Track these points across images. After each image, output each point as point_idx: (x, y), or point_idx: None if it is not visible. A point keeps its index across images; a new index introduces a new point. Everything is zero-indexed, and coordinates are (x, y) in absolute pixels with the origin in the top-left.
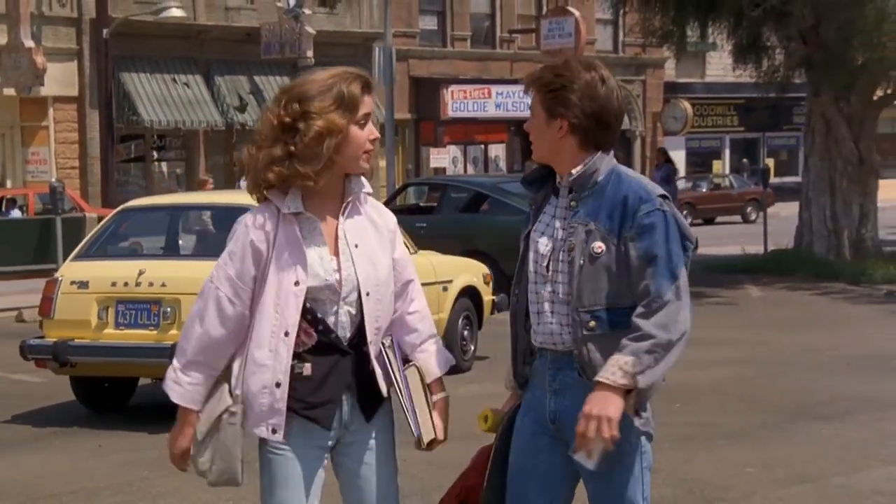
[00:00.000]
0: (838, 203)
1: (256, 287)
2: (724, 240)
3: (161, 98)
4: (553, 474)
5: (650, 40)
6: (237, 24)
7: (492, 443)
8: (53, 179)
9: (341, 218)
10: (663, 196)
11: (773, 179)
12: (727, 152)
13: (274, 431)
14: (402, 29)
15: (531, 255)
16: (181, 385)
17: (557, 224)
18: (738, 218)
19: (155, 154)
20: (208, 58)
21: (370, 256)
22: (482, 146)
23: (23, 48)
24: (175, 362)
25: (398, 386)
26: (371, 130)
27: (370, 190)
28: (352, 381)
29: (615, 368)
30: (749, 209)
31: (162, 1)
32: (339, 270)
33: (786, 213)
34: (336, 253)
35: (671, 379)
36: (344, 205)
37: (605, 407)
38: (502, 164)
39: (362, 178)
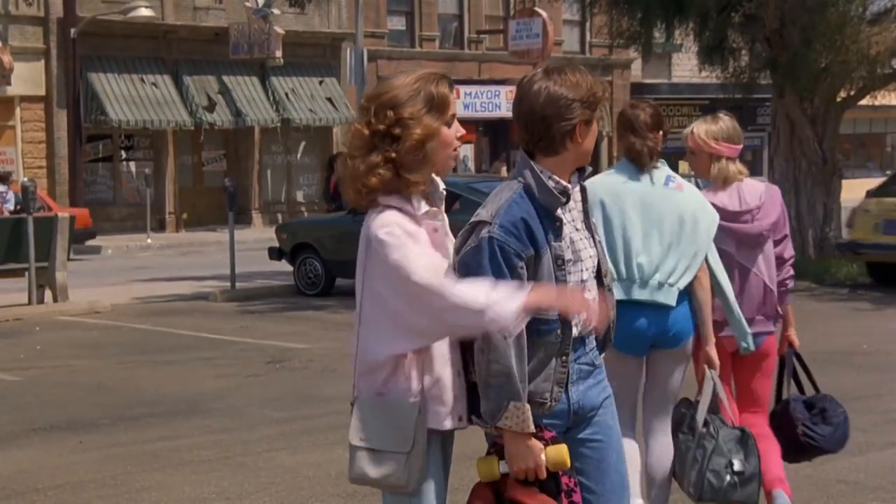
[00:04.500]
0: (803, 203)
1: None
2: None
3: (129, 98)
4: None
5: (617, 42)
6: (205, 24)
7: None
8: (25, 179)
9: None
10: None
11: None
12: None
13: (460, 419)
14: (371, 29)
15: (581, 265)
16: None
17: (578, 218)
18: None
19: (123, 154)
20: (176, 58)
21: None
22: None
23: None
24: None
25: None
26: (458, 128)
27: (444, 187)
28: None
29: None
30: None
31: (130, 0)
32: None
33: None
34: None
35: None
36: (443, 203)
37: None
38: (471, 165)
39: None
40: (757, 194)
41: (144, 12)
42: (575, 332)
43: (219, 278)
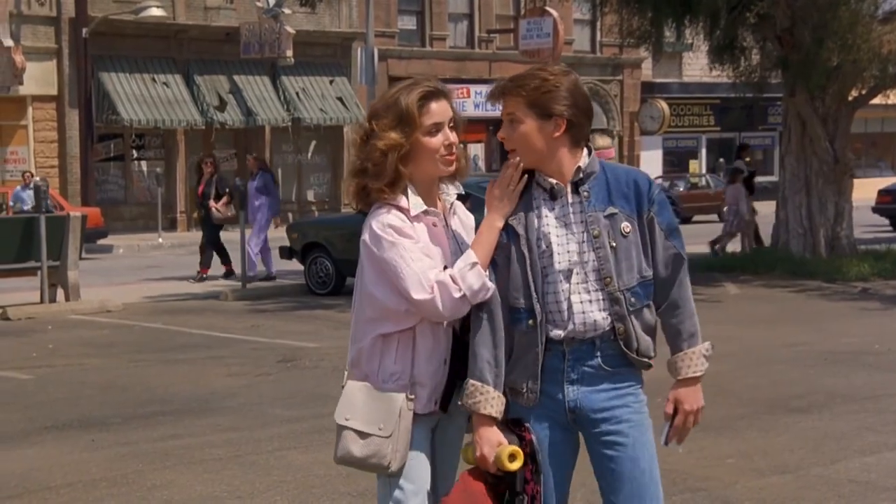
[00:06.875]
0: (814, 202)
1: None
2: (701, 238)
3: (140, 97)
4: (568, 458)
5: (628, 41)
6: (216, 24)
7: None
8: (37, 178)
9: (450, 217)
10: None
11: None
12: (703, 152)
13: (436, 403)
14: (381, 29)
15: (555, 258)
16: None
17: (573, 220)
18: (714, 217)
19: (134, 153)
20: (187, 57)
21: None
22: (461, 146)
23: (1, 47)
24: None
25: None
26: (445, 136)
27: (462, 191)
28: (460, 367)
29: (700, 358)
30: (725, 208)
31: (141, 0)
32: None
33: (762, 212)
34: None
35: (654, 374)
36: (450, 205)
37: (698, 399)
38: (481, 164)
39: (456, 181)
40: None
41: (155, 12)
42: (560, 334)
43: (229, 277)
